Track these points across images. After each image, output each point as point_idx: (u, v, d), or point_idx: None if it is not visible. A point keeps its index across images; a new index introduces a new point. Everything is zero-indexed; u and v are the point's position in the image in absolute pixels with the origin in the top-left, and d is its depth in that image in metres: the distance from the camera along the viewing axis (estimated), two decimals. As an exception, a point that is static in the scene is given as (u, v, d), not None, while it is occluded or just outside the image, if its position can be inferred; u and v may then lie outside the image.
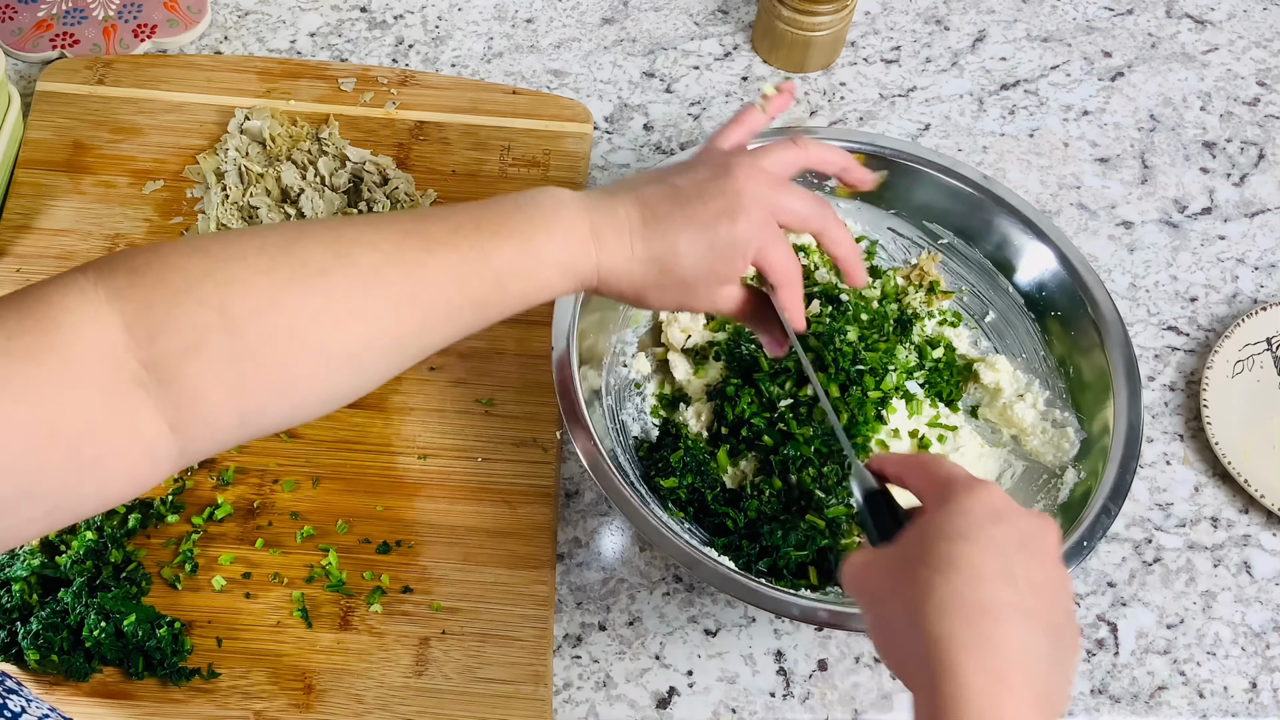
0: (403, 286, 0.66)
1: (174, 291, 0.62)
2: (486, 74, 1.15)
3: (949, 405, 0.99)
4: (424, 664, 0.89)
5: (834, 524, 0.92)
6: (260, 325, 0.62)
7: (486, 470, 0.96)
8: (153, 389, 0.61)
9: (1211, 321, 1.07)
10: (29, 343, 0.59)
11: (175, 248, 0.64)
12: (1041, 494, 0.94)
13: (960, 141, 1.14)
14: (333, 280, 0.64)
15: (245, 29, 1.17)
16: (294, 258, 0.64)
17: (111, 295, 0.61)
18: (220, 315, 0.62)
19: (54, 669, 0.86)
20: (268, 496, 0.95)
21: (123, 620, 0.87)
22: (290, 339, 0.63)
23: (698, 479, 0.93)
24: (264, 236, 0.66)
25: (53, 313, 0.60)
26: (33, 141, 1.08)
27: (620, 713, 0.90)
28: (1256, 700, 0.93)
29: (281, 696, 0.88)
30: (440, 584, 0.92)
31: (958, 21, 1.21)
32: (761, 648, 0.92)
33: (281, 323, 0.63)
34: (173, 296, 0.61)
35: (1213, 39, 1.22)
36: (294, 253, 0.65)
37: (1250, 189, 1.14)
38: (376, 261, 0.66)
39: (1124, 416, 0.91)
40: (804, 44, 1.14)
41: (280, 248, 0.65)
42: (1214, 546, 0.98)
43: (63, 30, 1.14)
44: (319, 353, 0.64)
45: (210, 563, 0.92)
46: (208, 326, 0.61)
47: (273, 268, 0.64)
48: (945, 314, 1.02)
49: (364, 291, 0.65)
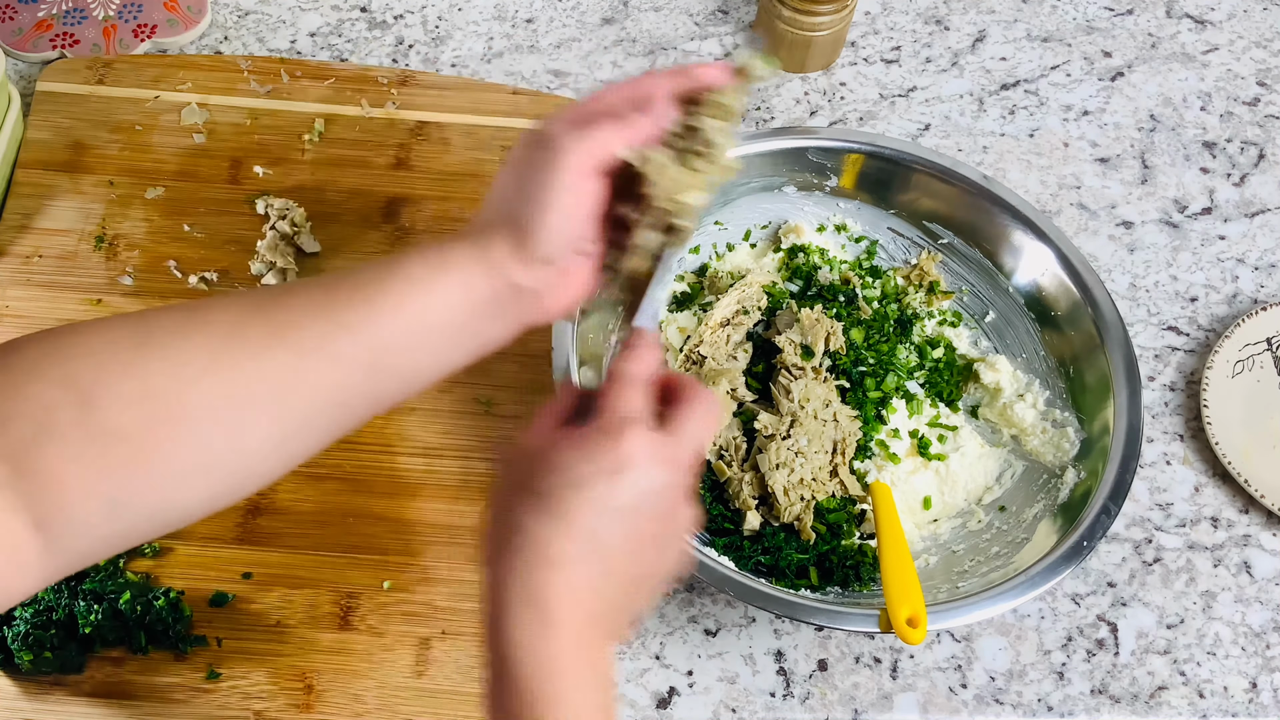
0: (265, 329, 0.61)
1: (17, 375, 0.58)
2: (486, 74, 1.15)
3: (949, 405, 0.99)
4: (424, 664, 0.89)
5: (835, 528, 0.92)
6: (111, 394, 0.57)
7: (487, 470, 0.96)
8: (11, 483, 0.56)
9: (1211, 321, 1.07)
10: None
11: (22, 337, 0.60)
12: (1041, 494, 0.94)
13: (960, 141, 1.14)
14: (190, 337, 0.60)
15: (245, 29, 1.17)
16: (144, 326, 0.60)
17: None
18: (67, 390, 0.57)
19: (49, 666, 0.86)
20: (268, 496, 0.95)
21: (118, 599, 0.87)
22: (146, 407, 0.58)
23: (698, 479, 0.92)
24: (116, 317, 0.62)
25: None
26: (33, 141, 1.08)
27: (620, 713, 0.90)
28: (1256, 700, 0.93)
29: (281, 696, 0.88)
30: (440, 584, 0.92)
31: (958, 21, 1.21)
32: (761, 648, 0.92)
33: (134, 388, 0.58)
34: (16, 380, 0.57)
35: (1213, 39, 1.22)
36: (142, 321, 0.61)
37: (1250, 189, 1.14)
38: (234, 318, 0.61)
39: (1124, 416, 0.91)
40: (804, 44, 1.14)
41: (128, 319, 0.61)
42: (1214, 546, 0.98)
43: (63, 30, 1.14)
44: (179, 415, 0.59)
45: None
46: (55, 404, 0.57)
47: (120, 338, 0.59)
48: (945, 314, 1.02)
49: (224, 343, 0.60)
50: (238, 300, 0.63)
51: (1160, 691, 0.93)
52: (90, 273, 1.02)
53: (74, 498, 0.57)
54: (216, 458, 0.60)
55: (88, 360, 0.58)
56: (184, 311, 0.61)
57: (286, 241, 1.04)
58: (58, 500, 0.57)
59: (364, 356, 0.62)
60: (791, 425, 0.93)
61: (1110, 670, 0.93)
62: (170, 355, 0.59)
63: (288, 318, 0.62)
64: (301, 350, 0.61)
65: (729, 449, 0.94)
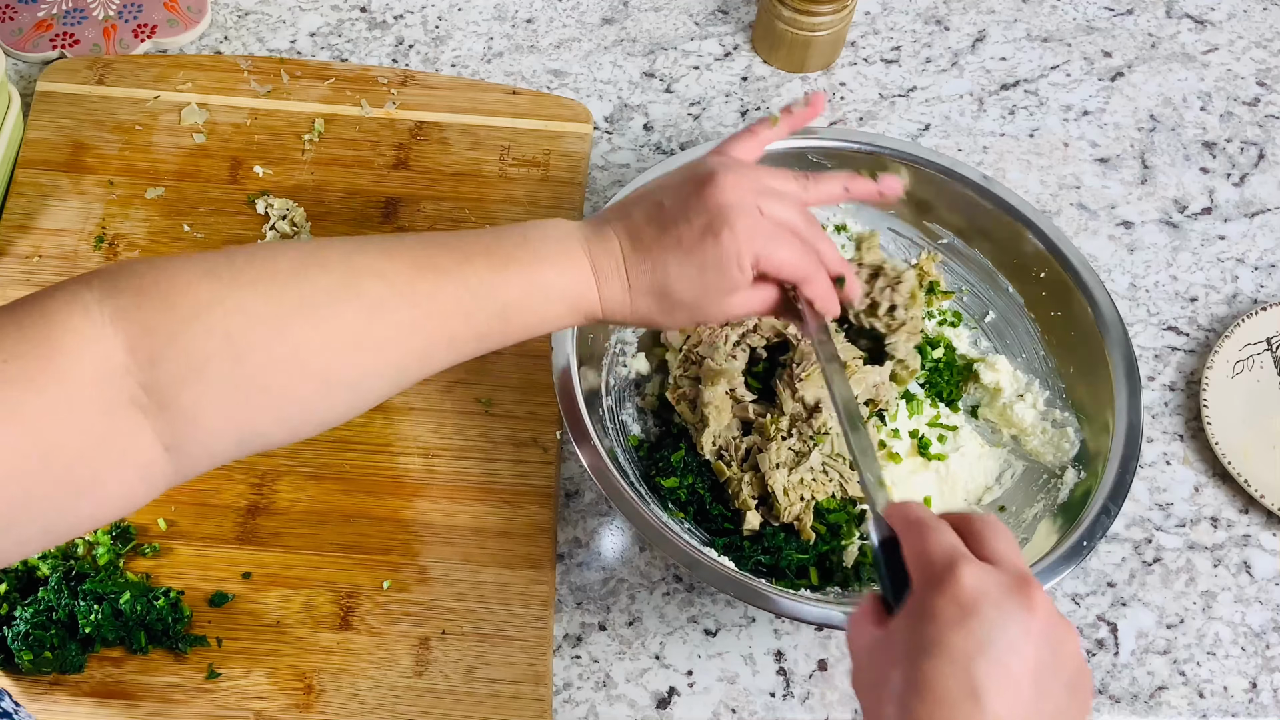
0: (408, 318, 0.67)
1: (180, 318, 0.61)
2: (486, 74, 1.15)
3: (949, 405, 0.99)
4: (424, 664, 0.89)
5: (834, 528, 0.92)
6: (264, 354, 0.62)
7: (486, 470, 0.96)
8: (151, 411, 0.61)
9: (1211, 321, 1.07)
10: (27, 367, 0.58)
11: (185, 267, 0.63)
12: (1041, 494, 0.94)
13: (960, 141, 1.14)
14: (339, 311, 0.65)
15: (245, 29, 1.17)
16: (303, 286, 0.64)
17: (116, 315, 0.60)
18: (225, 343, 0.62)
19: (49, 665, 0.86)
20: (267, 496, 0.95)
21: (118, 599, 0.87)
22: (292, 368, 0.63)
23: (698, 479, 0.92)
24: (276, 261, 0.65)
25: (54, 334, 0.59)
26: (33, 141, 1.08)
27: (620, 713, 0.90)
28: (1256, 700, 0.93)
29: (281, 696, 0.88)
30: (440, 584, 0.92)
31: (958, 21, 1.21)
32: (761, 648, 0.92)
33: (285, 352, 0.63)
34: (179, 322, 0.61)
35: (1213, 39, 1.22)
36: (304, 280, 0.65)
37: (1250, 189, 1.14)
38: (384, 294, 0.66)
39: (1124, 416, 0.91)
40: (804, 44, 1.14)
41: (291, 274, 0.65)
42: (1214, 546, 0.98)
43: (63, 30, 1.14)
44: (320, 382, 0.65)
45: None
46: (212, 354, 0.61)
47: (281, 296, 0.64)
48: (945, 314, 1.02)
49: (369, 323, 0.65)
50: (393, 263, 0.67)
51: (1160, 691, 0.93)
52: (90, 273, 1.02)
53: (207, 434, 0.62)
54: (345, 410, 0.67)
55: (247, 318, 0.62)
56: (342, 275, 0.66)
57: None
58: (194, 434, 0.62)
59: (497, 325, 0.70)
60: (792, 425, 0.93)
61: (1110, 670, 0.93)
62: (323, 324, 0.64)
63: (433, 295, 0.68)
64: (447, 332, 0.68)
65: (729, 449, 0.94)
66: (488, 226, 0.76)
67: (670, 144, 1.13)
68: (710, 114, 1.14)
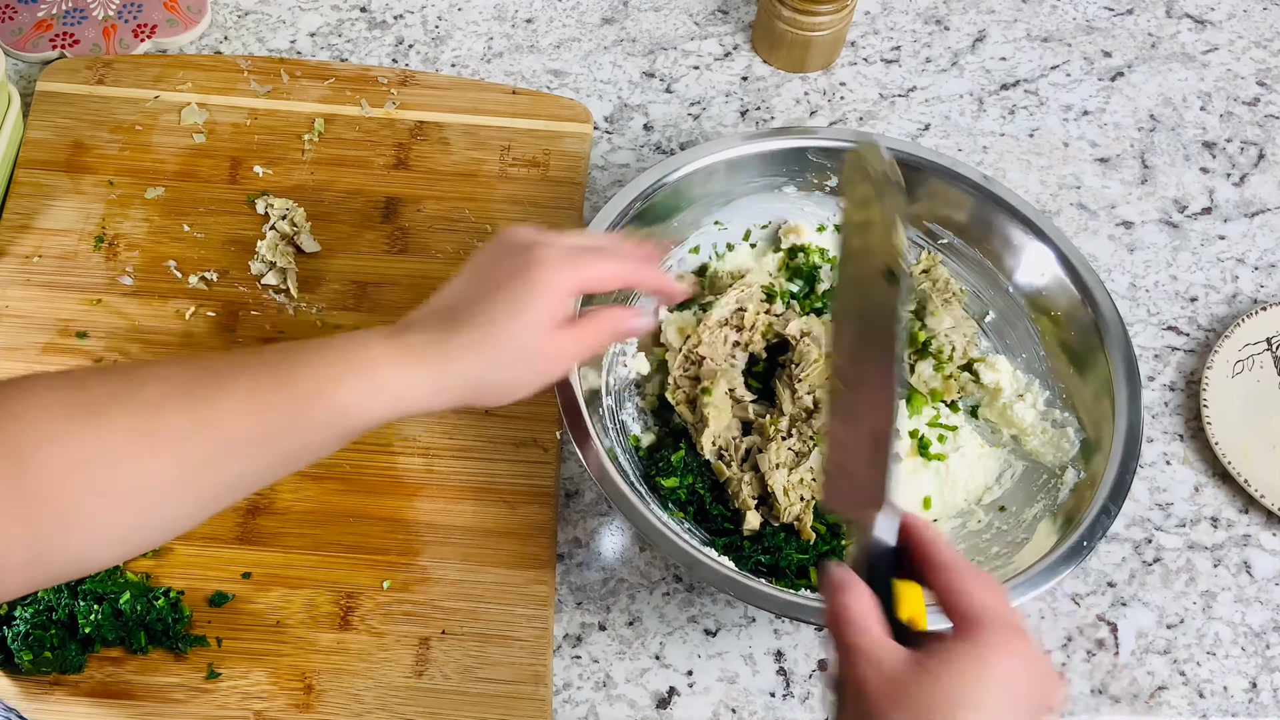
0: (185, 418, 0.65)
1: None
2: (486, 74, 1.16)
3: (949, 405, 0.99)
4: (424, 664, 0.89)
5: (834, 528, 0.92)
6: (44, 461, 0.62)
7: (486, 470, 0.96)
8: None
9: (1211, 321, 1.07)
10: None
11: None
12: (1041, 494, 0.94)
13: (960, 141, 1.14)
14: (114, 414, 0.64)
15: (245, 29, 1.17)
16: (84, 393, 0.64)
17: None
18: (8, 451, 0.62)
19: (49, 666, 0.86)
20: (267, 496, 0.95)
21: (118, 599, 0.87)
22: (72, 475, 0.62)
23: (698, 479, 0.93)
24: (68, 374, 0.66)
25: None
26: (33, 141, 1.08)
27: (620, 713, 0.90)
28: (1256, 700, 0.93)
29: (281, 696, 0.88)
30: (440, 584, 0.92)
31: (958, 21, 1.21)
32: (761, 648, 0.92)
33: (63, 459, 0.62)
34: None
35: (1213, 39, 1.22)
36: (85, 388, 0.65)
37: (1250, 189, 1.14)
38: (163, 393, 0.65)
39: (1124, 416, 0.91)
40: (804, 44, 1.14)
41: (75, 383, 0.65)
42: (1214, 546, 0.98)
43: (63, 30, 1.14)
44: (102, 489, 0.63)
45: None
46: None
47: (64, 401, 0.64)
48: (945, 314, 1.02)
49: (146, 424, 0.64)
50: (177, 367, 0.68)
51: (1160, 691, 0.93)
52: (90, 273, 1.02)
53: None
54: (135, 529, 0.65)
55: (26, 423, 0.62)
56: (123, 380, 0.66)
57: (286, 241, 1.04)
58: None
59: (284, 446, 0.68)
60: (792, 425, 0.93)
61: (1110, 670, 0.93)
62: (100, 427, 0.63)
63: (212, 403, 0.66)
64: (224, 439, 0.66)
65: (729, 449, 0.94)
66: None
67: (670, 144, 1.13)
68: (710, 114, 1.14)
